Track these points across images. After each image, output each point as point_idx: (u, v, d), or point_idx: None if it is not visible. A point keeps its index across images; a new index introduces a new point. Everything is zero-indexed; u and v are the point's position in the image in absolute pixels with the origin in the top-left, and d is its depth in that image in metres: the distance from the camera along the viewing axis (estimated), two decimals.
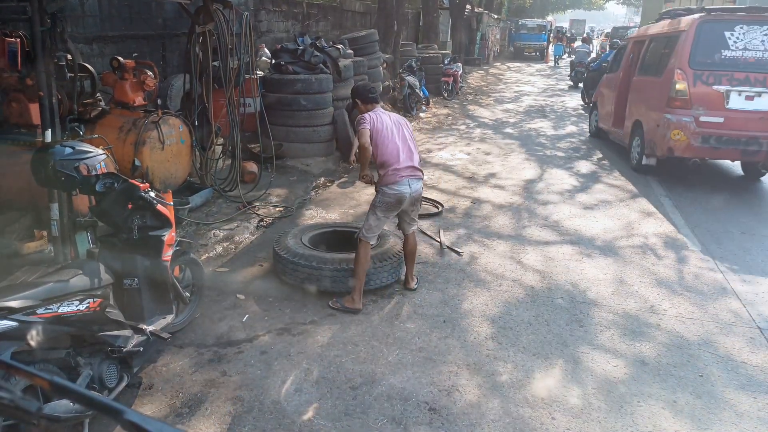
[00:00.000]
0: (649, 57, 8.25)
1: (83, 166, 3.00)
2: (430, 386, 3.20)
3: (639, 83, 8.26)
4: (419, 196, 4.15)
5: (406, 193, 3.99)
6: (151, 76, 5.17)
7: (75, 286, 2.67)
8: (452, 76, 14.85)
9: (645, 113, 7.68)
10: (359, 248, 3.99)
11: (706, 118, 6.73)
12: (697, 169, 7.77)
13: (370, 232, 4.02)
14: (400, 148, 4.01)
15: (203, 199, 5.87)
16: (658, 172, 7.78)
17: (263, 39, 10.23)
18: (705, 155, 7.11)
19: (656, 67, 7.73)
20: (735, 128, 6.67)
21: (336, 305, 4.01)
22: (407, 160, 4.02)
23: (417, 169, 4.09)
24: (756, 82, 6.64)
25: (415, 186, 4.05)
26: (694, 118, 6.76)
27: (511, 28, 36.10)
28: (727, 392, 3.23)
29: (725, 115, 6.69)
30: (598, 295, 4.37)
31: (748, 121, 6.65)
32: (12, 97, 4.28)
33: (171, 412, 2.94)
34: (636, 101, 8.19)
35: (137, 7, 7.20)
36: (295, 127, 7.68)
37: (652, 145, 7.35)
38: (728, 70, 6.74)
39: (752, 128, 6.62)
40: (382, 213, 4.03)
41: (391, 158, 3.97)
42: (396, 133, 4.03)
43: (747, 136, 6.63)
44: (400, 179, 3.95)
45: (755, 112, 6.63)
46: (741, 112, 6.68)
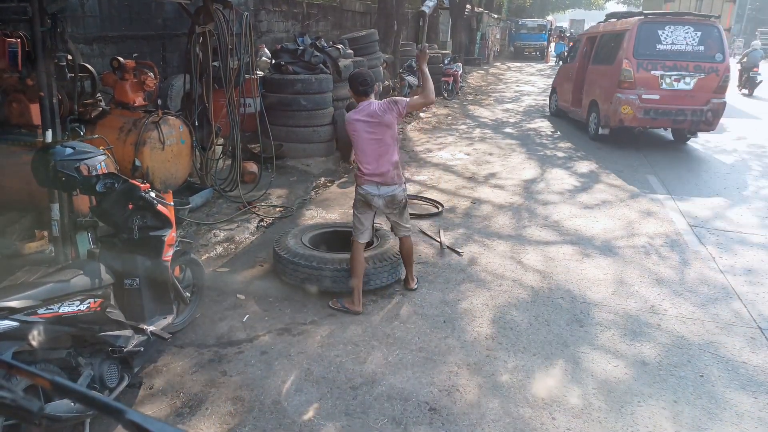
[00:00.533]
0: (601, 50, 10.32)
1: (84, 166, 3.01)
2: (430, 386, 3.20)
3: (593, 70, 10.42)
4: (393, 199, 4.01)
5: (374, 193, 3.98)
6: (151, 76, 5.18)
7: (76, 286, 2.68)
8: (452, 76, 14.86)
9: (599, 94, 9.79)
10: (352, 249, 4.03)
11: (646, 96, 8.88)
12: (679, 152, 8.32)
13: (356, 231, 4.07)
14: (369, 153, 3.93)
15: (203, 200, 5.87)
16: (657, 171, 8.03)
17: (263, 39, 10.23)
18: (646, 124, 9.23)
19: (608, 58, 9.79)
20: (667, 103, 8.89)
21: (336, 305, 4.02)
22: (374, 166, 3.92)
23: (385, 174, 3.93)
24: (680, 68, 8.85)
25: (385, 189, 3.97)
26: (638, 96, 8.88)
27: (511, 27, 36.10)
28: (728, 392, 3.23)
29: (660, 94, 8.88)
30: (599, 295, 4.38)
31: (676, 98, 8.89)
32: (12, 97, 4.29)
33: (172, 411, 2.94)
34: (592, 85, 10.33)
35: (137, 7, 7.21)
36: (295, 128, 7.68)
37: (606, 119, 9.46)
38: (661, 59, 8.90)
39: (679, 103, 8.89)
40: (357, 211, 4.08)
41: (362, 157, 4.00)
42: (368, 137, 3.90)
43: (676, 109, 8.89)
44: (367, 182, 3.98)
45: (681, 90, 8.89)
46: (671, 91, 8.89)
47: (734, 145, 10.10)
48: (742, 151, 9.71)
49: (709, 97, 8.88)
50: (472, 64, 22.95)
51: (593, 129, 10.05)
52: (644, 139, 10.13)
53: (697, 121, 8.97)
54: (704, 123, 9.00)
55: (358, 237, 4.04)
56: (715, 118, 8.99)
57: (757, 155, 9.42)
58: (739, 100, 16.00)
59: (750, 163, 8.84)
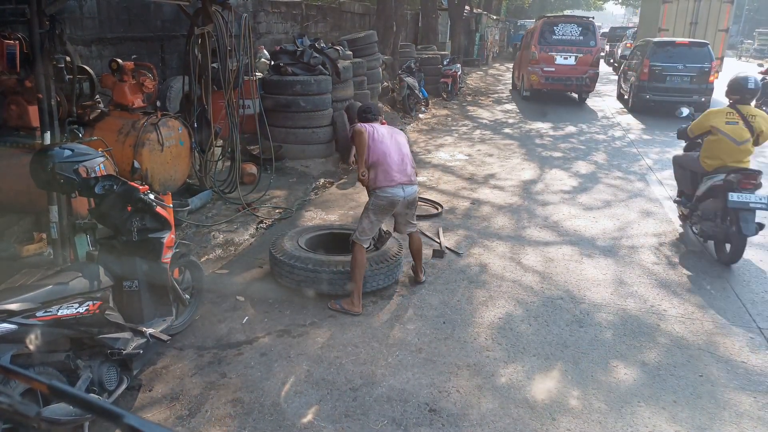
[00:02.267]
0: (525, 41, 16.01)
1: (82, 168, 3.00)
2: (430, 387, 3.19)
3: (522, 54, 16.12)
4: (414, 199, 4.16)
5: (400, 196, 4.01)
6: (150, 78, 5.17)
7: (74, 288, 2.67)
8: (451, 77, 14.85)
9: (524, 69, 15.31)
10: (354, 251, 3.99)
11: (546, 69, 14.13)
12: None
13: (363, 235, 4.03)
14: (393, 150, 4.03)
15: (203, 201, 5.86)
16: (656, 170, 8.03)
17: (262, 40, 10.24)
18: (547, 87, 14.46)
19: (527, 46, 15.28)
20: (559, 73, 14.15)
21: (335, 306, 4.01)
22: (399, 162, 4.03)
23: (409, 173, 4.08)
24: (566, 51, 14.11)
25: (409, 190, 4.07)
26: (541, 68, 14.15)
27: (510, 28, 36.12)
28: (727, 392, 3.23)
29: (555, 67, 14.10)
30: (598, 296, 4.37)
31: (565, 69, 14.13)
32: (11, 99, 4.28)
33: (171, 414, 2.94)
34: (521, 64, 16.05)
35: (136, 9, 7.21)
36: (295, 129, 7.68)
37: (526, 85, 14.94)
38: (555, 45, 14.19)
39: (567, 73, 14.15)
40: (375, 216, 4.05)
41: (382, 157, 3.99)
42: (390, 139, 4.08)
43: (565, 76, 14.19)
44: (392, 183, 3.98)
45: (567, 65, 14.14)
46: (561, 65, 14.11)
47: None
48: None
49: (586, 69, 14.09)
50: (471, 65, 22.95)
51: (522, 92, 15.68)
52: (555, 97, 15.32)
53: (579, 85, 14.31)
54: (584, 86, 14.33)
55: (364, 242, 4.03)
56: (592, 83, 14.32)
57: (755, 155, 9.41)
58: None
59: None
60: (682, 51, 12.87)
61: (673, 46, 13.08)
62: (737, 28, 46.98)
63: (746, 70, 7.87)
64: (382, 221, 4.14)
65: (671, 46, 13.13)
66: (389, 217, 4.18)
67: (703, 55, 12.67)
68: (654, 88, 12.65)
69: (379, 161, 4.00)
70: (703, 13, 16.56)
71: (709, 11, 16.50)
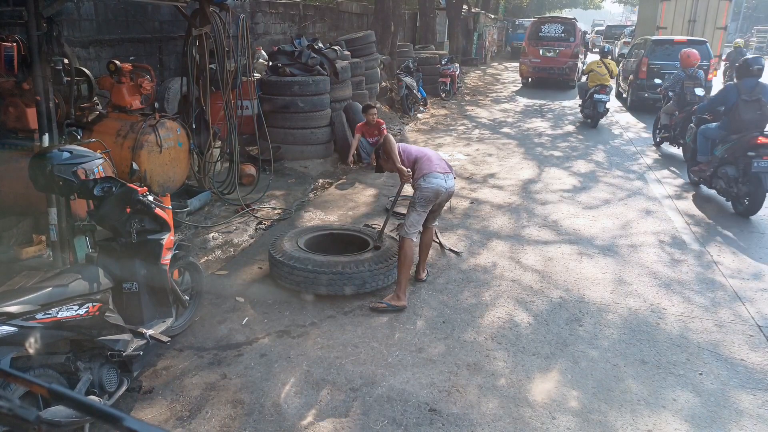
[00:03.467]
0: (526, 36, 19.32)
1: (81, 170, 3.00)
2: (430, 387, 3.20)
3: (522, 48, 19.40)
4: (453, 192, 4.31)
5: (443, 187, 4.12)
6: (148, 79, 5.17)
7: (74, 290, 2.67)
8: (450, 77, 14.85)
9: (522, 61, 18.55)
10: (402, 245, 4.10)
11: (533, 60, 17.79)
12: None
13: (412, 228, 4.14)
14: (432, 153, 4.31)
15: (202, 202, 5.86)
16: (655, 168, 8.04)
17: (260, 41, 10.23)
18: (534, 75, 17.97)
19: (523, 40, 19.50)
20: (544, 64, 17.59)
21: (380, 305, 4.02)
22: (437, 157, 4.26)
23: (448, 165, 4.29)
24: (550, 46, 17.44)
25: (451, 182, 4.21)
26: (529, 60, 17.85)
27: (509, 27, 36.11)
28: (727, 390, 3.24)
29: (540, 59, 17.62)
30: (598, 295, 4.38)
31: (549, 61, 17.54)
32: (9, 101, 4.28)
33: (171, 415, 2.94)
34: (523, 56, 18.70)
35: (133, 10, 7.21)
36: (293, 129, 7.68)
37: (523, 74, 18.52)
38: (542, 41, 17.68)
39: (551, 64, 17.55)
40: (421, 208, 4.14)
41: (419, 154, 4.24)
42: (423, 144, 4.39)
43: (549, 66, 17.58)
44: (436, 171, 4.10)
45: (551, 57, 17.51)
46: (546, 57, 17.56)
47: None
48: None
49: (566, 60, 17.41)
50: (469, 65, 22.94)
51: (522, 80, 19.04)
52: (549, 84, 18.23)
53: (560, 73, 17.59)
54: (564, 74, 17.58)
55: (412, 235, 4.12)
56: (571, 72, 17.43)
57: None
58: None
59: None
60: (680, 49, 12.89)
61: (671, 44, 13.09)
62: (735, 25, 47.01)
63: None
64: (427, 212, 4.21)
65: (669, 44, 13.13)
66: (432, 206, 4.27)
67: (702, 53, 12.67)
68: (653, 87, 12.66)
69: (418, 157, 4.21)
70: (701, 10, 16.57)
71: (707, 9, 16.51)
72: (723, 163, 6.23)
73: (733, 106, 6.15)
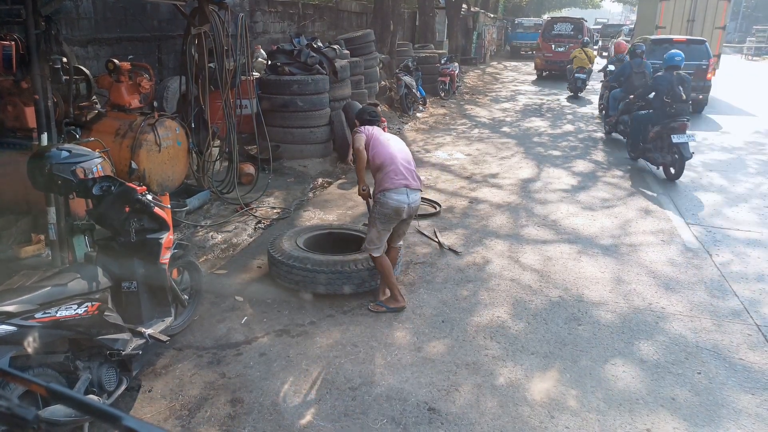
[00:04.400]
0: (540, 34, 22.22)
1: (80, 169, 2.99)
2: (429, 386, 3.20)
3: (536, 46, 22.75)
4: (417, 208, 4.00)
5: (405, 203, 3.84)
6: (147, 78, 5.16)
7: (73, 289, 2.67)
8: (449, 76, 14.85)
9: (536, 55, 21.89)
10: (374, 262, 3.99)
11: (546, 54, 20.71)
12: None
13: (372, 245, 3.94)
14: (396, 151, 3.94)
15: (201, 202, 5.86)
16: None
17: (259, 40, 10.23)
18: (547, 68, 20.82)
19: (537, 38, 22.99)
20: (556, 58, 20.31)
21: (379, 308, 4.00)
22: (403, 162, 3.91)
23: (415, 177, 3.94)
24: (561, 42, 20.44)
25: (414, 197, 3.89)
26: (543, 54, 20.93)
27: (508, 27, 36.11)
28: (726, 389, 3.24)
29: (552, 53, 20.54)
30: (596, 294, 4.38)
31: (560, 56, 19.94)
32: (7, 100, 4.27)
33: (171, 414, 2.94)
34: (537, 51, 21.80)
35: (132, 9, 7.20)
36: (292, 128, 7.68)
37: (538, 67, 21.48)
38: (554, 38, 20.76)
39: (561, 58, 19.54)
40: (382, 225, 3.91)
41: (386, 160, 3.88)
42: (391, 142, 4.02)
43: (560, 60, 19.75)
44: (399, 186, 3.81)
45: (562, 52, 19.86)
46: (557, 53, 20.29)
47: (730, 142, 10.13)
48: (738, 148, 9.74)
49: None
50: (468, 64, 22.94)
51: (536, 73, 21.72)
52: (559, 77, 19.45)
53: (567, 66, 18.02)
54: None
55: (375, 251, 3.93)
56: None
57: (753, 152, 9.45)
58: (735, 98, 16.04)
59: (746, 161, 8.86)
60: (679, 48, 12.87)
61: (670, 44, 13.08)
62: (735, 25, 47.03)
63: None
64: (389, 230, 3.97)
65: (669, 43, 13.13)
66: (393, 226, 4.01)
67: (701, 52, 12.67)
68: None
69: (384, 164, 3.86)
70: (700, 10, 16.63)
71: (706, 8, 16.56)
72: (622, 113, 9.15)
73: (628, 76, 9.40)
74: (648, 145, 7.81)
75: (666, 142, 7.43)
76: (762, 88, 18.95)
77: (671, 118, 7.35)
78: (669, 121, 7.34)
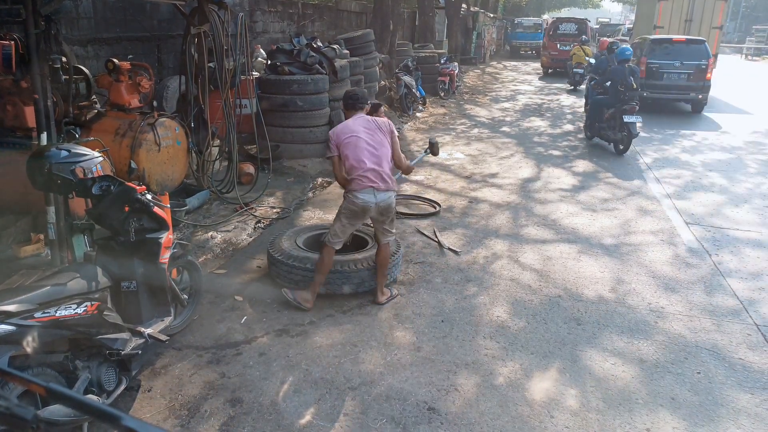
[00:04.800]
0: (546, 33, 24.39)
1: (79, 169, 2.99)
2: (428, 386, 3.20)
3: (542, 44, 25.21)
4: (388, 207, 3.98)
5: (371, 202, 3.88)
6: (146, 77, 5.16)
7: (72, 289, 2.67)
8: (449, 76, 14.85)
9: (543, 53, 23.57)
10: (323, 251, 3.98)
11: (552, 53, 21.92)
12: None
13: (335, 238, 3.97)
14: (365, 155, 3.89)
15: (200, 201, 5.86)
16: (654, 168, 8.09)
17: (259, 39, 10.23)
18: (553, 66, 21.68)
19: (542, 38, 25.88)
20: (561, 56, 20.81)
21: (288, 295, 3.99)
22: (373, 166, 3.88)
23: (385, 179, 3.91)
24: (566, 41, 21.43)
25: (381, 196, 3.90)
26: (549, 52, 22.21)
27: (507, 27, 36.11)
28: (725, 389, 3.24)
29: (557, 51, 21.60)
30: (596, 294, 4.38)
31: (565, 54, 20.03)
32: (7, 100, 4.27)
33: (170, 414, 2.94)
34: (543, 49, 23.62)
35: (132, 9, 7.20)
36: (292, 128, 7.67)
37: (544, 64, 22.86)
38: (559, 37, 22.23)
39: (566, 57, 19.37)
40: (347, 220, 3.96)
41: (354, 165, 3.89)
42: (365, 139, 3.91)
43: (564, 59, 19.49)
44: (365, 187, 3.86)
45: (566, 50, 20.12)
46: (563, 51, 20.95)
47: (730, 142, 10.13)
48: (738, 147, 9.74)
49: None
50: (468, 64, 22.95)
51: (543, 70, 22.84)
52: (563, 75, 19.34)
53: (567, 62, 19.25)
54: None
55: (335, 244, 3.97)
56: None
57: (753, 152, 9.45)
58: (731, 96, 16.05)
59: (746, 160, 8.87)
60: (679, 48, 12.88)
61: (670, 44, 13.09)
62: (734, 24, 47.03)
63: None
64: (355, 226, 4.03)
65: (668, 43, 13.13)
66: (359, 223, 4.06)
67: (700, 52, 12.67)
68: (651, 86, 12.66)
69: (353, 168, 3.89)
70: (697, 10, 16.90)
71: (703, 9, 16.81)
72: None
73: (605, 69, 10.03)
74: (603, 125, 9.25)
75: (618, 122, 8.80)
76: (762, 88, 18.95)
77: (624, 103, 8.71)
78: (621, 105, 8.71)
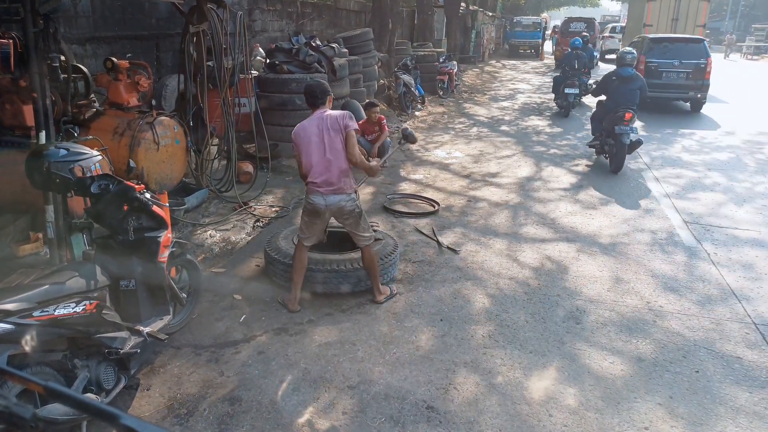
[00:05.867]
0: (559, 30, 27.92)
1: (78, 167, 2.99)
2: (427, 384, 3.20)
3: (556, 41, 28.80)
4: (340, 209, 3.90)
5: (321, 205, 3.85)
6: (145, 76, 5.15)
7: (71, 288, 2.67)
8: (447, 75, 14.84)
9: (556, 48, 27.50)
10: (295, 250, 4.02)
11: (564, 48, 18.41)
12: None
13: (303, 234, 4.00)
14: (316, 160, 3.84)
15: (199, 200, 5.85)
16: (653, 167, 8.08)
17: (258, 38, 10.22)
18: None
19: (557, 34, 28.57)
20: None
21: (280, 299, 4.06)
22: (323, 169, 3.82)
23: (334, 182, 3.83)
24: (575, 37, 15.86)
25: (332, 200, 3.84)
26: (561, 47, 22.83)
27: (506, 25, 36.09)
28: (723, 388, 3.25)
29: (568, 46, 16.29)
30: (595, 293, 4.39)
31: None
32: (6, 98, 4.27)
33: (169, 413, 2.94)
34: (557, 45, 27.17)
35: (130, 7, 7.19)
36: (291, 127, 7.49)
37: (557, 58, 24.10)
38: (570, 34, 22.56)
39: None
40: (308, 218, 3.99)
41: (307, 168, 3.89)
42: (315, 142, 3.83)
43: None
44: (313, 192, 3.88)
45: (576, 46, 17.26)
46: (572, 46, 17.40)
47: (729, 141, 10.14)
48: (737, 146, 9.75)
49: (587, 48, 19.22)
50: (467, 63, 22.94)
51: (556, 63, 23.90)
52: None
53: None
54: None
55: (304, 240, 3.98)
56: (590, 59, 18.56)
57: (752, 151, 9.46)
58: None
59: (745, 160, 8.88)
60: (678, 47, 12.89)
61: (669, 42, 13.09)
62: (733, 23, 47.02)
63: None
64: (314, 225, 3.97)
65: (668, 42, 13.13)
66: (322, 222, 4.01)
67: (699, 51, 12.68)
68: (650, 85, 12.64)
69: (306, 171, 3.90)
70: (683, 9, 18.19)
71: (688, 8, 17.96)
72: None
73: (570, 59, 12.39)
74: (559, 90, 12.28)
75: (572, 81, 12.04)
76: (762, 87, 18.97)
77: (570, 79, 12.05)
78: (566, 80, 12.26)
